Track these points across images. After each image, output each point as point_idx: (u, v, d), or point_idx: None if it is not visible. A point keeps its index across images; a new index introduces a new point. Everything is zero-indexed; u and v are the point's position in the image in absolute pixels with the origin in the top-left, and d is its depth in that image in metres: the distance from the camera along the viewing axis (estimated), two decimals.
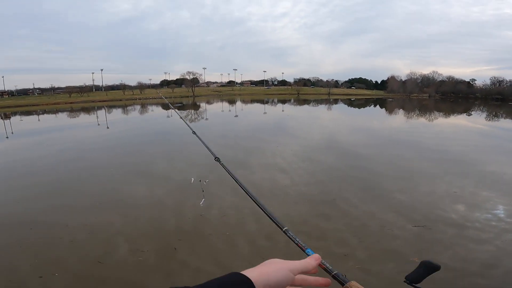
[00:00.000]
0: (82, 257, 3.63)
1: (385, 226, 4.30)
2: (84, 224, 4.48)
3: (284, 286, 0.48)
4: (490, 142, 12.52)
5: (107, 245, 3.89)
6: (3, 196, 5.93)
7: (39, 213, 4.98)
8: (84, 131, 16.83)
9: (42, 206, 5.29)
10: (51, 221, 4.63)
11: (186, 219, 4.63)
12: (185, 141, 11.94)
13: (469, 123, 20.52)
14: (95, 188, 6.27)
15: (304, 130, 15.43)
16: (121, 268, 3.41)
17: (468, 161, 8.33)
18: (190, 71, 71.37)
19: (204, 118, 23.83)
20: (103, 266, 3.42)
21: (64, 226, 4.42)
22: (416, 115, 26.04)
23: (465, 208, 4.96)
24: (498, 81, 75.74)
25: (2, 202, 5.58)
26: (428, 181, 6.42)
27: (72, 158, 9.09)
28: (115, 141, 12.99)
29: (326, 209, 4.95)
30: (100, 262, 3.49)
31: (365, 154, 9.06)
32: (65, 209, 5.10)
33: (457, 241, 3.91)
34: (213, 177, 6.65)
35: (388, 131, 15.72)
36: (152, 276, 3.24)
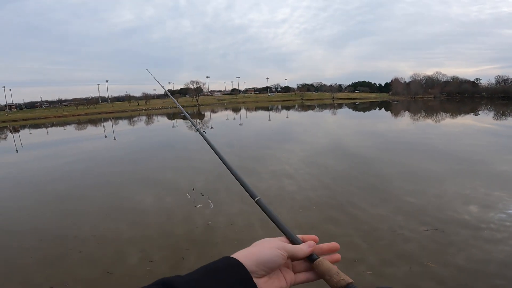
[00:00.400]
0: (91, 268, 3.65)
1: (396, 230, 4.23)
2: (92, 234, 4.52)
3: (276, 264, 0.47)
4: (499, 141, 12.28)
5: (116, 255, 3.92)
6: (13, 208, 6.03)
7: (48, 225, 5.07)
8: (91, 143, 17.07)
9: (52, 218, 5.38)
10: (60, 232, 4.69)
11: (194, 228, 4.62)
12: (192, 149, 12.02)
13: (477, 122, 20.22)
14: (103, 198, 6.34)
15: (310, 135, 15.39)
16: (130, 277, 3.41)
17: (478, 161, 8.18)
18: (194, 80, 72.05)
19: (209, 127, 23.98)
20: (112, 276, 3.44)
21: (73, 237, 4.46)
22: (423, 117, 25.79)
23: (478, 209, 4.85)
24: (503, 79, 74.90)
25: (13, 214, 5.68)
26: (438, 182, 6.31)
27: (80, 170, 9.21)
28: (122, 151, 13.15)
29: (334, 214, 4.89)
30: (109, 272, 3.51)
31: (372, 157, 8.97)
32: (74, 220, 5.16)
33: (472, 242, 3.81)
34: (220, 185, 6.67)
35: (394, 133, 15.57)
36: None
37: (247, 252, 0.47)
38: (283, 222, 0.60)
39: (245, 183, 0.77)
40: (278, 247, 0.48)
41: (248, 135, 16.79)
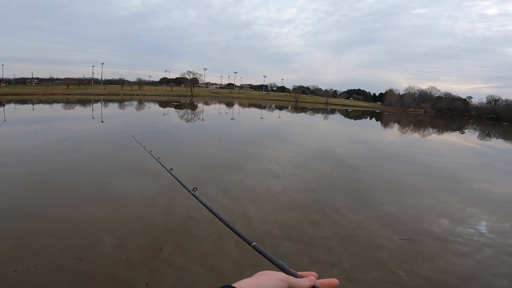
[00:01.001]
0: (61, 252, 3.53)
1: (372, 237, 4.37)
2: (67, 218, 4.37)
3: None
4: (480, 160, 12.76)
5: (90, 241, 3.82)
6: None
7: (22, 205, 4.79)
8: (77, 123, 16.70)
9: (26, 198, 5.11)
10: (33, 214, 4.48)
11: (175, 219, 4.62)
12: (181, 139, 11.97)
13: (461, 141, 20.88)
14: (83, 182, 6.12)
15: (300, 137, 15.54)
16: (101, 265, 3.35)
17: (457, 178, 8.49)
18: (191, 71, 71.36)
19: (201, 118, 23.85)
20: (82, 263, 3.35)
21: (46, 220, 4.29)
22: (411, 130, 26.41)
23: (449, 222, 5.07)
24: (494, 99, 77.30)
25: None
26: (417, 195, 6.53)
27: (62, 150, 8.98)
28: (108, 135, 12.93)
29: (316, 217, 5.00)
30: (80, 259, 3.41)
31: (358, 165, 9.17)
32: (49, 201, 4.97)
33: (439, 254, 4.00)
34: (207, 177, 6.69)
35: (382, 144, 15.92)
36: (134, 273, 3.22)
37: (248, 282, 0.48)
38: (282, 261, 0.63)
39: (239, 232, 0.84)
40: (280, 279, 0.50)
41: (238, 131, 16.81)
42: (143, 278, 3.15)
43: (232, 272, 3.36)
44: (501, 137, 27.23)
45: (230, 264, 3.51)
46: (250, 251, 3.15)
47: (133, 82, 73.65)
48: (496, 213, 5.69)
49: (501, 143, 22.23)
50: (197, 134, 14.64)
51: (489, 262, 3.86)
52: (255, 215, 4.89)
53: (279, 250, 3.87)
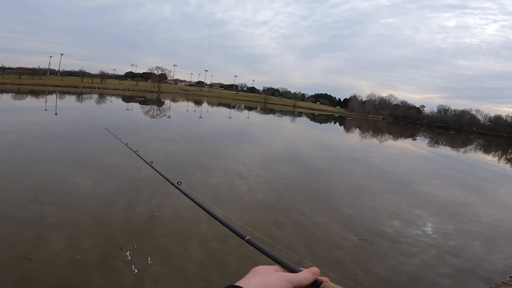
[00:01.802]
0: (6, 251, 3.27)
1: (332, 237, 4.61)
2: (13, 216, 4.04)
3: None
4: (428, 166, 14.04)
5: (38, 240, 3.56)
6: None
7: None
8: (28, 115, 15.22)
9: None
10: None
11: (137, 218, 4.44)
12: (144, 136, 11.50)
13: (413, 147, 22.75)
14: (31, 177, 5.66)
15: (267, 139, 15.79)
16: (52, 264, 3.15)
17: (407, 182, 9.27)
18: (159, 67, 68.70)
19: (167, 115, 23.13)
20: (30, 262, 3.13)
21: None
22: (370, 136, 28.16)
23: (400, 223, 5.53)
24: (444, 109, 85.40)
25: None
26: (372, 197, 7.01)
27: (7, 142, 8.17)
28: (62, 128, 11.96)
29: (280, 217, 5.14)
30: (28, 258, 3.18)
31: (321, 168, 9.58)
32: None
33: (390, 254, 4.33)
34: (172, 174, 6.52)
35: (344, 148, 16.78)
36: (89, 275, 3.06)
37: (254, 282, 0.48)
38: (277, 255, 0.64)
39: (231, 226, 0.84)
40: (286, 279, 0.50)
41: (206, 130, 16.60)
42: (100, 278, 3.01)
43: (196, 272, 3.34)
44: (448, 144, 30.18)
45: (195, 264, 3.48)
46: (216, 250, 3.18)
47: (95, 75, 69.03)
48: (440, 215, 6.31)
49: (448, 150, 24.62)
50: (162, 132, 14.17)
51: (433, 262, 4.23)
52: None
53: (242, 250, 3.92)
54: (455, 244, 4.89)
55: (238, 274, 3.22)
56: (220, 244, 3.97)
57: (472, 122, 76.24)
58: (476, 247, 4.94)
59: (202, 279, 3.24)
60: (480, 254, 4.69)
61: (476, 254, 4.66)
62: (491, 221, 6.34)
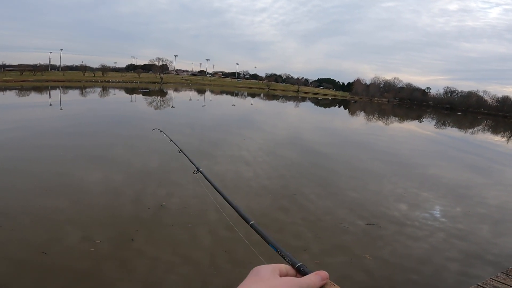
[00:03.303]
0: (23, 247, 3.36)
1: (338, 222, 4.64)
2: (27, 211, 4.13)
3: None
4: (435, 147, 13.89)
5: (53, 235, 3.64)
6: None
7: None
8: (33, 111, 15.34)
9: None
10: None
11: (146, 209, 4.51)
12: (148, 126, 11.53)
13: (419, 129, 22.47)
14: (42, 172, 5.76)
15: (271, 125, 15.73)
16: (68, 258, 3.23)
17: (413, 164, 9.20)
18: (160, 57, 68.01)
19: (171, 105, 23.10)
20: (47, 257, 3.21)
21: (3, 215, 4.03)
22: (375, 119, 27.84)
23: (407, 207, 5.52)
24: (451, 91, 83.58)
25: None
26: (378, 181, 7.00)
27: (16, 139, 8.26)
28: (68, 122, 12.05)
29: (286, 203, 5.18)
30: (45, 253, 3.26)
31: (325, 152, 9.56)
32: (5, 195, 4.66)
33: (397, 238, 4.33)
34: (175, 164, 6.59)
35: (348, 131, 16.66)
36: (104, 265, 3.14)
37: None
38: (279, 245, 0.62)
39: (239, 210, 0.85)
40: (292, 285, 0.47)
41: (210, 118, 16.57)
42: (114, 269, 3.10)
43: (207, 260, 3.40)
44: (455, 126, 29.72)
45: (204, 253, 3.54)
46: (224, 238, 3.23)
47: (97, 69, 68.57)
48: (447, 198, 6.26)
49: (455, 132, 24.28)
50: (166, 121, 14.19)
51: (441, 245, 4.20)
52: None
53: (251, 237, 3.97)
54: (462, 228, 4.86)
55: (246, 261, 3.29)
56: (228, 231, 4.03)
57: (480, 103, 74.54)
58: (484, 230, 4.90)
59: (212, 267, 3.30)
60: (488, 237, 4.66)
61: (484, 238, 4.63)
62: (499, 203, 6.28)
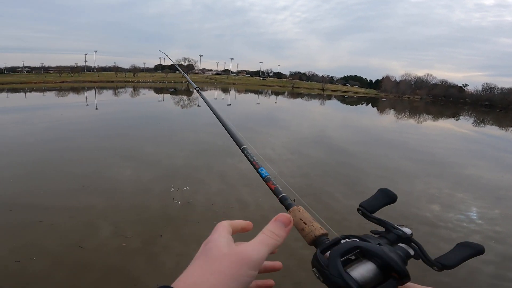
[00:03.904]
0: (62, 241, 3.54)
1: (365, 222, 4.47)
2: (65, 207, 4.37)
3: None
4: (472, 147, 12.96)
5: (89, 229, 3.83)
6: None
7: (19, 194, 4.78)
8: (71, 111, 16.47)
9: (22, 187, 5.09)
10: (31, 203, 4.47)
11: (173, 205, 4.66)
12: (175, 127, 11.93)
13: (455, 127, 21.09)
14: (78, 169, 6.10)
15: (296, 123, 15.57)
16: (102, 252, 3.39)
17: (448, 164, 8.65)
18: (186, 57, 70.24)
19: (197, 104, 23.66)
20: (84, 251, 3.38)
21: (44, 209, 4.29)
22: (406, 116, 26.55)
23: (440, 208, 5.21)
24: (490, 87, 77.50)
25: None
26: (408, 180, 6.67)
27: (56, 138, 8.90)
28: (102, 122, 12.81)
29: (310, 202, 5.08)
30: (81, 247, 3.44)
31: (352, 151, 9.28)
32: (46, 191, 4.96)
33: (429, 239, 4.11)
34: (201, 163, 6.75)
35: (376, 129, 16.03)
36: (134, 261, 3.28)
37: (191, 281, 0.34)
38: (269, 172, 0.58)
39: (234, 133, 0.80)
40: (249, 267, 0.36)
41: (234, 116, 16.74)
42: (144, 264, 3.24)
43: None
44: (496, 124, 27.52)
45: None
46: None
47: (128, 69, 72.19)
48: (484, 199, 5.83)
49: (495, 130, 22.49)
50: (192, 121, 14.57)
51: None
52: (251, 200, 4.98)
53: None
54: (500, 230, 4.53)
55: (268, 259, 3.31)
56: (252, 229, 4.06)
57: None
58: None
59: None
60: None
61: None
62: None
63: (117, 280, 3.01)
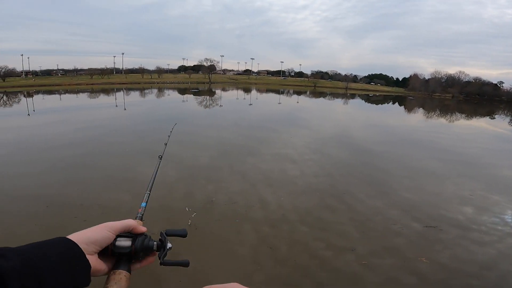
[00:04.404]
0: None
1: (390, 223, 4.36)
2: (97, 203, 4.60)
3: (104, 243, 0.56)
4: (509, 146, 12.10)
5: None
6: (21, 173, 5.96)
7: (55, 191, 5.07)
8: (102, 111, 17.38)
9: (59, 184, 5.41)
10: (66, 200, 4.72)
11: (196, 203, 4.76)
12: (200, 124, 12.18)
13: (490, 126, 19.76)
14: (110, 167, 6.47)
15: (318, 123, 15.35)
16: None
17: (483, 164, 8.15)
18: (208, 58, 71.40)
19: (219, 105, 24.01)
20: None
21: (79, 205, 4.51)
22: (437, 115, 25.25)
23: (473, 210, 4.94)
24: None
25: (21, 179, 5.63)
26: (439, 181, 6.36)
27: (88, 137, 9.43)
28: (131, 121, 13.41)
29: (332, 202, 5.03)
30: None
31: (377, 151, 9.00)
32: (80, 187, 5.26)
33: (460, 242, 3.93)
34: (224, 162, 6.85)
35: (404, 129, 15.40)
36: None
37: (79, 233, 0.55)
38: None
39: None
40: (107, 228, 0.57)
41: (256, 116, 16.82)
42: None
43: (249, 255, 3.48)
44: None
45: (248, 248, 3.63)
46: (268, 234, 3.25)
47: (153, 71, 74.73)
48: None
49: None
50: (214, 120, 14.81)
51: (510, 252, 3.75)
52: (272, 199, 5.00)
53: (295, 235, 3.97)
54: None
55: (290, 258, 3.29)
56: (272, 228, 4.08)
57: None
58: None
59: (255, 263, 3.37)
60: None
61: None
62: None
63: (143, 277, 3.12)
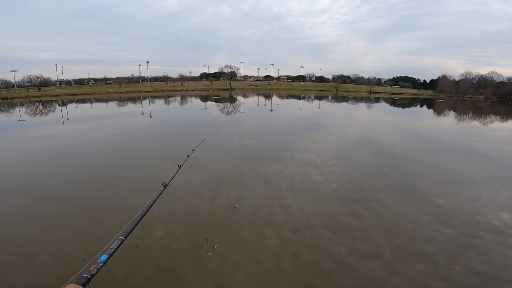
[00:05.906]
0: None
1: (420, 229, 4.16)
2: (126, 209, 4.75)
3: None
4: None
5: (145, 231, 4.08)
6: (57, 178, 6.31)
7: (88, 196, 5.28)
8: (130, 119, 18.19)
9: (91, 189, 5.65)
10: (98, 205, 4.90)
11: (220, 209, 4.80)
12: (221, 132, 12.38)
13: None
14: (139, 172, 6.72)
15: (341, 127, 15.07)
16: (156, 253, 3.63)
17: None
18: (228, 65, 72.77)
19: (240, 111, 24.28)
20: (140, 251, 3.63)
21: (108, 210, 4.68)
22: (469, 118, 23.86)
23: (510, 216, 4.60)
24: None
25: (57, 184, 5.95)
26: (473, 186, 5.99)
27: (118, 144, 9.94)
28: (157, 127, 13.92)
29: (357, 207, 4.89)
30: (138, 247, 3.70)
31: (405, 156, 8.65)
32: (111, 192, 5.49)
33: (495, 248, 3.70)
34: (246, 168, 6.90)
35: (433, 132, 14.68)
36: (181, 261, 3.47)
37: None
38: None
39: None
40: None
41: (277, 122, 16.80)
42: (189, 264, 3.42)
43: (272, 261, 3.46)
44: None
45: (271, 254, 3.61)
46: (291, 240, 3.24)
47: (176, 79, 77.29)
48: None
49: None
50: (236, 126, 14.98)
51: None
52: (295, 205, 4.95)
53: (318, 240, 3.90)
54: None
55: (312, 264, 3.22)
56: (295, 234, 4.03)
57: None
58: None
59: (277, 269, 3.34)
60: None
61: None
62: None
63: (165, 280, 3.19)
